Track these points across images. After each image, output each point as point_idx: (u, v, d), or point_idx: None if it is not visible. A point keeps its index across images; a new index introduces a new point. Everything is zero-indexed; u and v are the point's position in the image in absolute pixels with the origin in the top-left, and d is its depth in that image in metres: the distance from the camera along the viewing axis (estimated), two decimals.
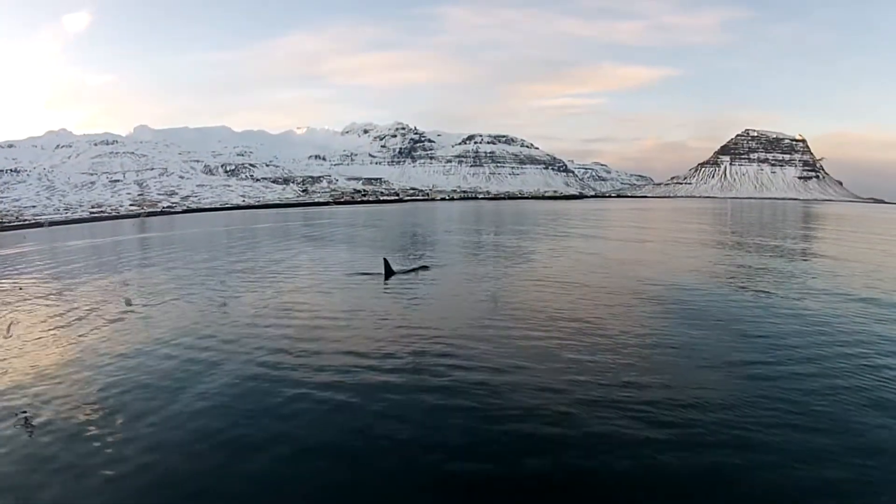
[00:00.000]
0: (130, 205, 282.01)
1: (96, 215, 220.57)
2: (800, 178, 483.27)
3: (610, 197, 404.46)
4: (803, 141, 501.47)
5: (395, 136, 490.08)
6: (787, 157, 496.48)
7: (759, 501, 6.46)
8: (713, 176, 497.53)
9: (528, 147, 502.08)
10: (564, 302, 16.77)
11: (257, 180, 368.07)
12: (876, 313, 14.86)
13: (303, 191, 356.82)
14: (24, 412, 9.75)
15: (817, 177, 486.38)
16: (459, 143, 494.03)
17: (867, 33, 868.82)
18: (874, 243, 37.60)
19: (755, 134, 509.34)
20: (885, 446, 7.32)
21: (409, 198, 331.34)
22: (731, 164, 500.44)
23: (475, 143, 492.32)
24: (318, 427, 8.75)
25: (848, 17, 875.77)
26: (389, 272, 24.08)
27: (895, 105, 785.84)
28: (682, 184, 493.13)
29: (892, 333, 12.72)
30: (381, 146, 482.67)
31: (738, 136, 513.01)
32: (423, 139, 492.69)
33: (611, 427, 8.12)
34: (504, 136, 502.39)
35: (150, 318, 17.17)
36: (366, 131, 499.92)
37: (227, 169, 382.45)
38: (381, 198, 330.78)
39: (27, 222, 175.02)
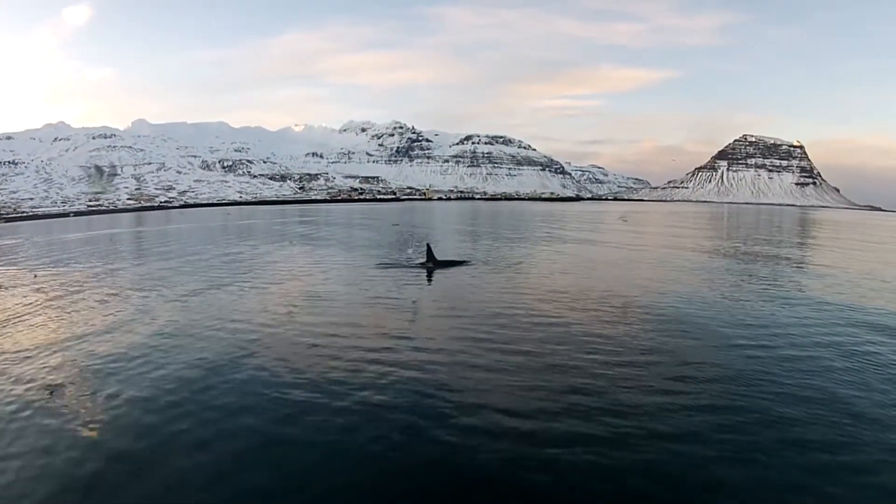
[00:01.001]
0: (128, 199, 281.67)
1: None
2: (797, 184, 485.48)
3: (606, 199, 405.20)
4: (801, 147, 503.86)
5: (392, 135, 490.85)
6: (784, 163, 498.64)
7: None
8: (710, 180, 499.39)
9: (525, 148, 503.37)
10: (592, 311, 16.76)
11: (255, 177, 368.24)
12: (867, 322, 14.87)
13: (300, 188, 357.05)
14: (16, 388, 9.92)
15: (814, 183, 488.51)
16: (457, 143, 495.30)
17: (867, 38, 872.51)
18: (869, 251, 37.83)
19: (753, 139, 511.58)
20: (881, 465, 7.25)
21: (406, 196, 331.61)
22: (728, 169, 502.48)
23: (472, 143, 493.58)
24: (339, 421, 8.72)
25: (847, 21, 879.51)
26: (432, 259, 24.43)
27: (894, 112, 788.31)
28: (678, 188, 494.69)
29: (883, 344, 12.65)
30: (379, 145, 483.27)
31: (735, 141, 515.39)
32: (420, 138, 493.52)
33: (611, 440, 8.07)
34: (501, 137, 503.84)
35: (178, 307, 17.41)
36: (363, 130, 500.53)
37: (225, 165, 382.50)
38: (378, 196, 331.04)
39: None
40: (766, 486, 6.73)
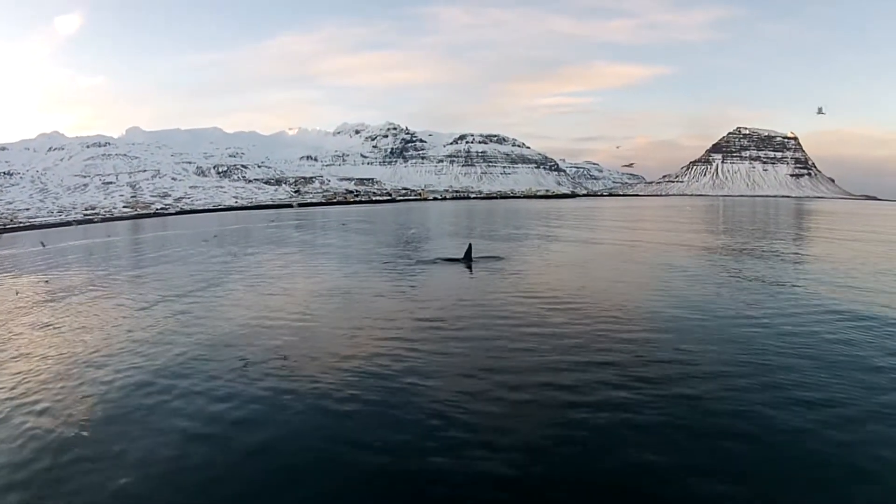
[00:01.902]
0: (124, 206, 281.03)
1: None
2: (792, 175, 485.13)
3: (602, 195, 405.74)
4: (795, 139, 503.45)
5: (386, 136, 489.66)
6: (778, 154, 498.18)
7: None
8: (705, 174, 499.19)
9: (519, 146, 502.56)
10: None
11: (250, 181, 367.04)
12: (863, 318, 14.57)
13: (295, 191, 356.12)
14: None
15: (809, 174, 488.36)
16: (451, 143, 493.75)
17: (859, 31, 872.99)
18: (865, 241, 38.12)
19: (747, 132, 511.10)
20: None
21: (401, 198, 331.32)
22: (722, 162, 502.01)
23: (467, 142, 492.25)
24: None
25: (840, 14, 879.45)
26: (468, 256, 26.84)
27: (887, 103, 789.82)
28: (673, 182, 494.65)
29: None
30: (373, 146, 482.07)
31: (729, 134, 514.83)
32: (414, 139, 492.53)
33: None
34: (495, 136, 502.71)
35: (206, 304, 18.25)
36: (357, 132, 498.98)
37: (220, 170, 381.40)
38: (374, 198, 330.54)
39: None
40: (756, 482, 6.91)
